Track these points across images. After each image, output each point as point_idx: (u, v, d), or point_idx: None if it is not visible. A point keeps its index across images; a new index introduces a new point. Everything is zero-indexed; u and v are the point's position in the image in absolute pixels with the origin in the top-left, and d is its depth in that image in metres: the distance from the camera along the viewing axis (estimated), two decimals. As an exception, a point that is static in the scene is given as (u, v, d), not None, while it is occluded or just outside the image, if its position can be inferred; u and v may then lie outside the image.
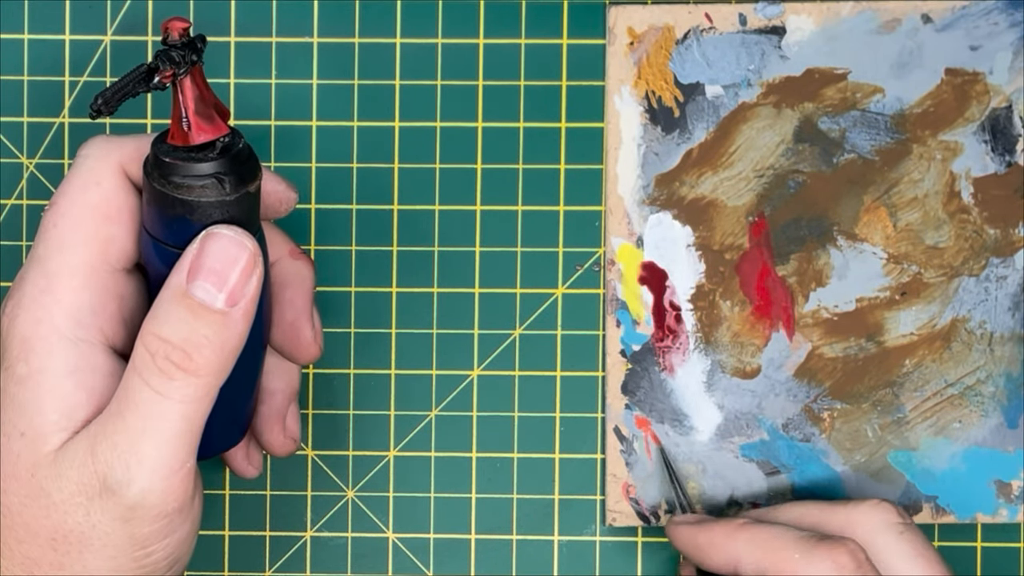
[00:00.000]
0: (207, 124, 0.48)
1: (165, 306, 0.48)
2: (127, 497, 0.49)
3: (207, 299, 0.48)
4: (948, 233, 0.63)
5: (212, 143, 0.48)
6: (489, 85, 0.63)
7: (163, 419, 0.49)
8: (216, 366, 0.48)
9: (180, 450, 0.49)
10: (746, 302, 0.63)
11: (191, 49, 0.47)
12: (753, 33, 0.63)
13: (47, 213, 0.51)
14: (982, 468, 0.63)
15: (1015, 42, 0.63)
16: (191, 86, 0.48)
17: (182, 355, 0.48)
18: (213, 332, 0.48)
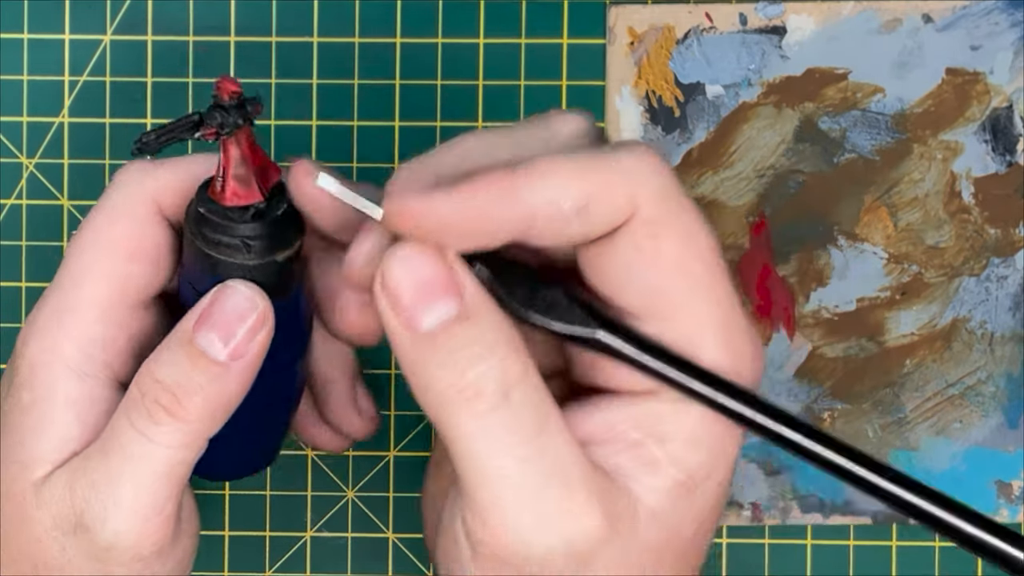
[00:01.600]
0: (243, 189, 0.47)
1: (168, 349, 0.48)
2: (101, 537, 0.48)
3: (209, 349, 0.47)
4: (949, 233, 0.63)
5: (246, 207, 0.48)
6: (489, 85, 0.63)
7: (145, 461, 0.48)
8: (205, 416, 0.47)
9: (160, 494, 0.48)
10: (746, 302, 0.63)
11: (239, 112, 0.46)
12: (754, 33, 0.63)
13: (73, 240, 0.50)
14: (983, 468, 0.63)
15: (1016, 42, 0.63)
16: (234, 148, 0.47)
17: (171, 399, 0.47)
18: (207, 382, 0.47)
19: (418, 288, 0.44)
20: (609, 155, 0.44)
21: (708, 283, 0.45)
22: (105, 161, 0.63)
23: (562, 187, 0.43)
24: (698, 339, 0.45)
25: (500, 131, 0.46)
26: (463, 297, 0.44)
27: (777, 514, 0.63)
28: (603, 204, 0.44)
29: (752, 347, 0.46)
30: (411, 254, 0.44)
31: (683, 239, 0.44)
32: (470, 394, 0.44)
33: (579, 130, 0.46)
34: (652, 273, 0.44)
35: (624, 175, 0.44)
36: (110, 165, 0.63)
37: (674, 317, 0.45)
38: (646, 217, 0.44)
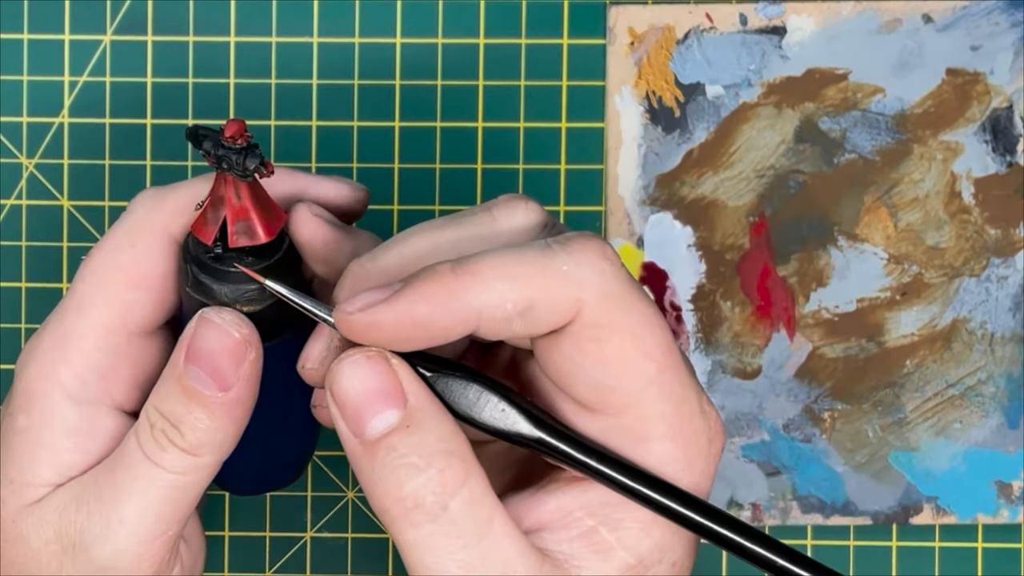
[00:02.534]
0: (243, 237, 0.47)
1: (166, 382, 0.48)
2: (99, 556, 0.48)
3: (198, 384, 0.47)
4: (949, 233, 0.63)
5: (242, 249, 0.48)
6: (489, 85, 0.63)
7: (152, 484, 0.48)
8: (210, 446, 0.48)
9: (164, 517, 0.48)
10: (747, 302, 0.63)
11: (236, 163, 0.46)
12: (754, 33, 0.63)
13: (82, 265, 0.50)
14: (983, 469, 0.63)
15: (1016, 42, 0.63)
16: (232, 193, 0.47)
17: (176, 433, 0.48)
18: (206, 415, 0.47)
19: (362, 396, 0.45)
20: (553, 254, 0.44)
21: (657, 379, 0.45)
22: (105, 161, 0.63)
23: (504, 290, 0.44)
24: (648, 433, 0.45)
25: (446, 223, 0.47)
26: (406, 405, 0.45)
27: (777, 514, 0.63)
28: (546, 306, 0.44)
29: (707, 435, 0.46)
30: (356, 363, 0.45)
31: (629, 340, 0.45)
32: (409, 504, 0.44)
33: (526, 221, 0.47)
34: (599, 372, 0.45)
35: (566, 277, 0.44)
36: (110, 165, 0.63)
37: (625, 412, 0.45)
38: (589, 320, 0.44)
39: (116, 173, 0.63)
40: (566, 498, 0.46)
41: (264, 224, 0.47)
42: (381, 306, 0.44)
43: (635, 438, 0.45)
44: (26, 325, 0.63)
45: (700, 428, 0.46)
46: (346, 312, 0.44)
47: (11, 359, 0.63)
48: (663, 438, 0.45)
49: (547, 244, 0.45)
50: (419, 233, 0.47)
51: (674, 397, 0.45)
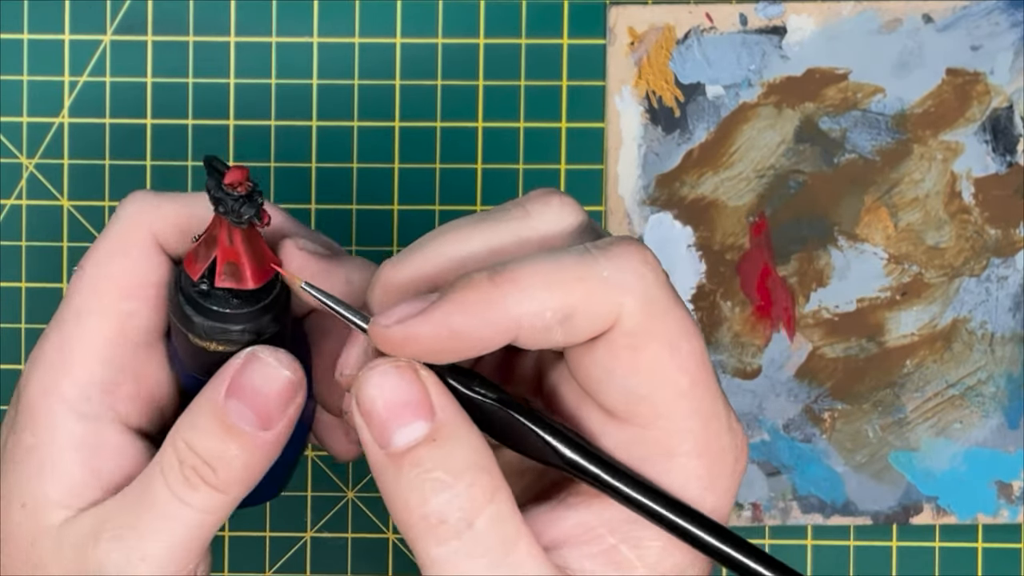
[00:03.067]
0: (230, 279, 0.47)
1: (200, 416, 0.47)
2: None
3: (240, 422, 0.46)
4: (949, 233, 0.63)
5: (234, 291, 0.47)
6: (489, 85, 0.63)
7: (178, 523, 0.47)
8: (242, 483, 0.47)
9: (189, 556, 0.48)
10: (747, 302, 0.63)
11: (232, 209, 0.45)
12: (754, 33, 0.63)
13: (75, 274, 0.49)
14: (983, 469, 0.63)
15: (1016, 42, 0.63)
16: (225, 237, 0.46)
17: (208, 470, 0.47)
18: (244, 452, 0.46)
19: (390, 408, 0.44)
20: (593, 260, 0.44)
21: (689, 393, 0.44)
22: (105, 161, 0.63)
23: (544, 298, 0.43)
24: (675, 447, 0.45)
25: (479, 221, 0.45)
26: (434, 418, 0.44)
27: (777, 514, 0.63)
28: (587, 314, 0.43)
29: (733, 452, 0.46)
30: (385, 373, 0.44)
31: (665, 349, 0.44)
32: (434, 521, 0.44)
33: (561, 219, 0.46)
34: (632, 381, 0.44)
35: (608, 284, 0.43)
36: (110, 165, 0.63)
37: (653, 424, 0.45)
38: (628, 328, 0.44)
39: (116, 173, 0.63)
40: (588, 514, 0.46)
41: (253, 271, 0.46)
42: (418, 318, 0.43)
43: (661, 451, 0.45)
44: (26, 325, 0.63)
45: (727, 446, 0.45)
46: (382, 325, 0.43)
47: (11, 359, 0.63)
48: (689, 454, 0.45)
49: (586, 249, 0.44)
50: (451, 232, 0.45)
51: (704, 412, 0.45)
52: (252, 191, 0.45)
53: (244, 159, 0.63)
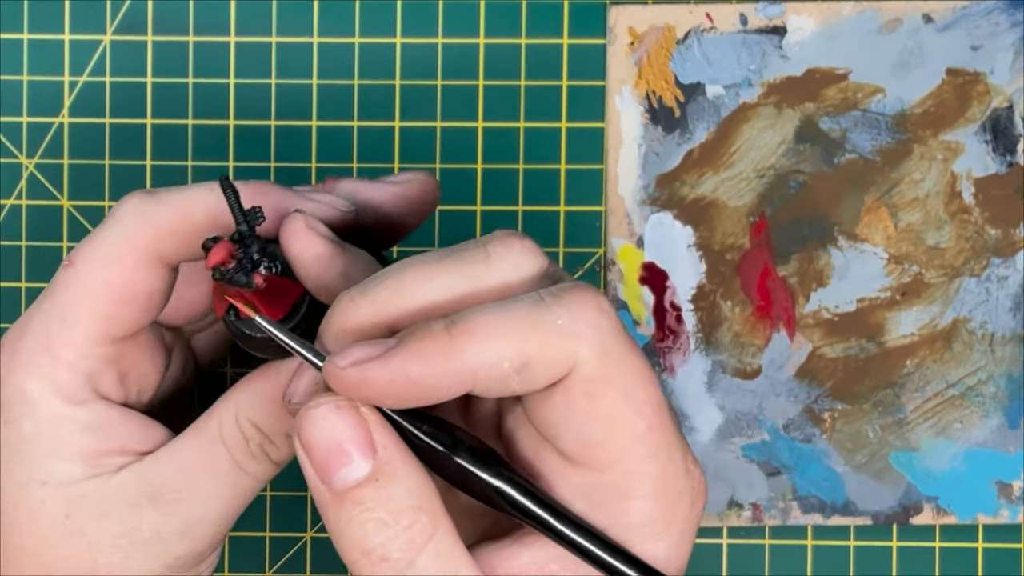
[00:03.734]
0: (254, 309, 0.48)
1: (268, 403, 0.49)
2: (177, 550, 0.50)
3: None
4: (949, 233, 0.63)
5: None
6: (489, 85, 0.63)
7: (237, 490, 0.50)
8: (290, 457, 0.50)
9: (232, 520, 0.51)
10: (747, 302, 0.63)
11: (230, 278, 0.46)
12: (754, 33, 0.63)
13: (65, 268, 0.50)
14: (983, 469, 0.63)
15: (1016, 42, 0.63)
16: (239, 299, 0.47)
17: (272, 447, 0.50)
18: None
19: (330, 447, 0.44)
20: (547, 308, 0.44)
21: (645, 437, 0.45)
22: (105, 161, 0.63)
23: (500, 349, 0.43)
24: (631, 490, 0.45)
25: (440, 259, 0.45)
26: (375, 457, 0.44)
27: (777, 514, 0.63)
28: (542, 363, 0.44)
29: (690, 495, 0.46)
30: (327, 411, 0.44)
31: (621, 396, 0.44)
32: (375, 558, 0.44)
33: (520, 262, 0.46)
34: (589, 427, 0.44)
35: (563, 332, 0.44)
36: (110, 165, 0.63)
37: (610, 468, 0.45)
38: (584, 375, 0.44)
39: (116, 173, 0.63)
40: (542, 552, 0.46)
41: (267, 308, 0.47)
42: (374, 363, 0.43)
43: (618, 494, 0.45)
44: (26, 325, 0.63)
45: (684, 488, 0.46)
46: (338, 366, 0.43)
47: (11, 359, 0.63)
48: (646, 497, 0.45)
49: (540, 297, 0.44)
50: (411, 268, 0.45)
51: (660, 456, 0.45)
52: (242, 258, 0.45)
53: (244, 159, 0.63)
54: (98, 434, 0.50)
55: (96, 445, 0.50)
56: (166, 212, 0.49)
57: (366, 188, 0.52)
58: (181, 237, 0.49)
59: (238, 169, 0.63)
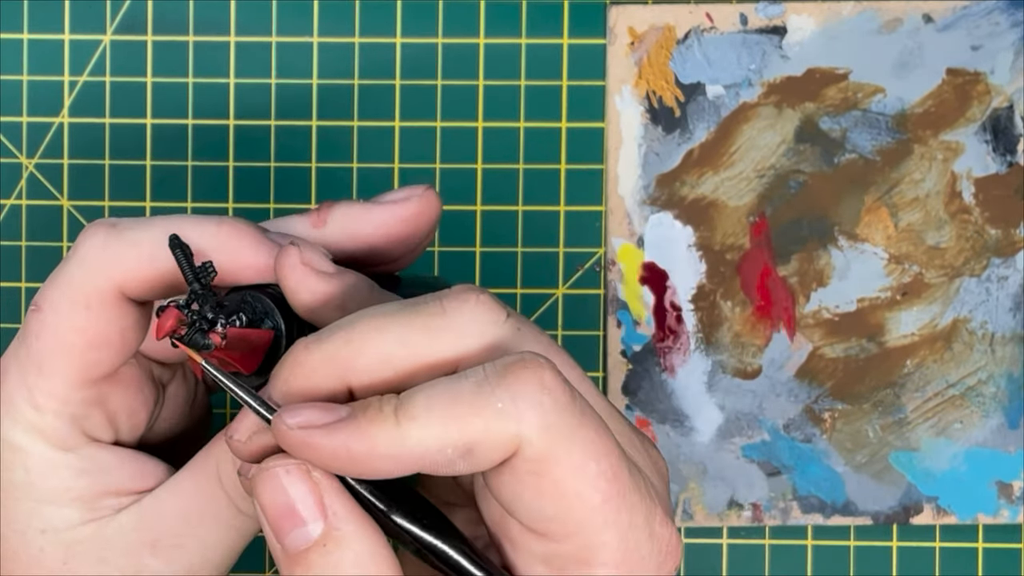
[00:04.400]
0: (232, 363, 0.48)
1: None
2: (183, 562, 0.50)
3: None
4: (949, 233, 0.63)
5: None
6: (489, 85, 0.63)
7: (238, 533, 0.50)
8: None
9: (236, 556, 0.50)
10: (747, 302, 0.63)
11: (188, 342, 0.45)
12: (754, 33, 0.63)
13: (33, 314, 0.49)
14: (983, 469, 0.63)
15: (1016, 42, 0.63)
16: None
17: None
18: None
19: (282, 509, 0.44)
20: (489, 389, 0.43)
21: (601, 508, 0.44)
22: (105, 161, 0.63)
23: (443, 436, 0.43)
24: (591, 559, 0.45)
25: (396, 314, 0.45)
26: (326, 520, 0.44)
27: (777, 514, 0.63)
28: (485, 447, 0.43)
29: (655, 559, 0.45)
30: (275, 475, 0.44)
31: (570, 472, 0.44)
32: None
33: (475, 318, 0.45)
34: (539, 504, 0.44)
35: (503, 415, 0.43)
36: (110, 165, 0.63)
37: (567, 540, 0.44)
38: (529, 456, 0.43)
39: (116, 173, 0.63)
40: None
41: (240, 362, 0.47)
42: (320, 431, 0.43)
43: (578, 563, 0.45)
44: (26, 325, 0.63)
45: (647, 554, 0.45)
46: (285, 423, 0.44)
47: (11, 359, 0.63)
48: (607, 564, 0.45)
49: (485, 377, 0.43)
50: (364, 320, 0.45)
51: (620, 524, 0.44)
52: (195, 321, 0.45)
53: (244, 159, 0.63)
54: (93, 477, 0.50)
55: (92, 489, 0.49)
56: (131, 257, 0.48)
57: (360, 218, 0.51)
58: (147, 282, 0.48)
59: (238, 169, 0.63)
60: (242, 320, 0.47)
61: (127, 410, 0.51)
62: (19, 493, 0.49)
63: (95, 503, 0.50)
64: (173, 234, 0.46)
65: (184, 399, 0.54)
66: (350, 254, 0.51)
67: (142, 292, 0.48)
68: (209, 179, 0.63)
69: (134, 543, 0.49)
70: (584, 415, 0.44)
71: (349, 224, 0.51)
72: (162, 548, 0.49)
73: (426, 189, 0.51)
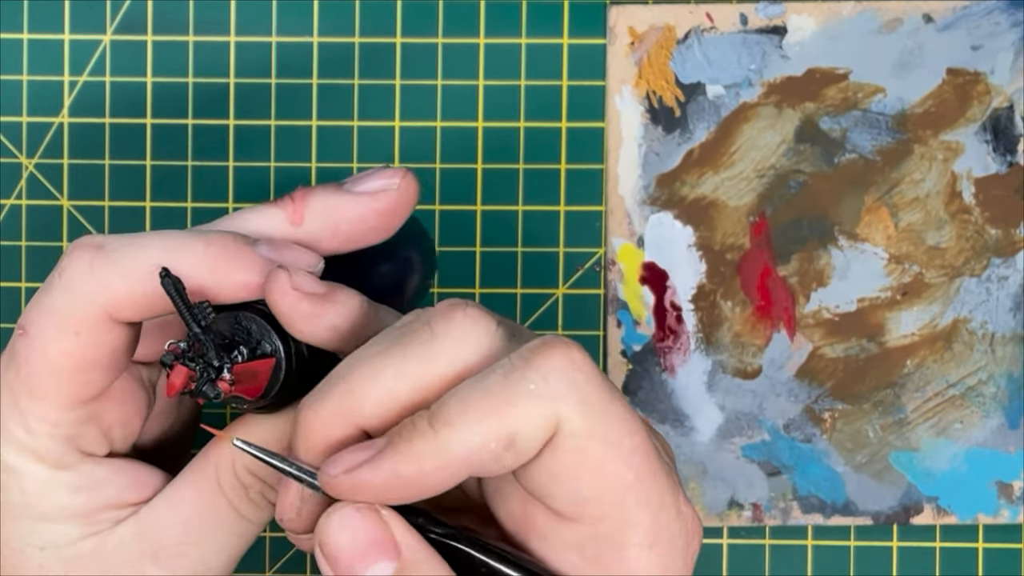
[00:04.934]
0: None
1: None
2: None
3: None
4: (949, 233, 0.63)
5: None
6: (489, 85, 0.63)
7: (239, 538, 0.50)
8: None
9: (238, 560, 0.51)
10: (747, 302, 0.63)
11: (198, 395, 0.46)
12: (754, 33, 0.63)
13: (20, 337, 0.48)
14: (983, 469, 0.63)
15: (1016, 42, 0.63)
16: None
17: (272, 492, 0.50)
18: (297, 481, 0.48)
19: (354, 550, 0.44)
20: (519, 375, 0.43)
21: (635, 486, 0.44)
22: (105, 161, 0.63)
23: (484, 432, 0.43)
24: (626, 540, 0.45)
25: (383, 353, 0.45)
26: (399, 557, 0.44)
27: (778, 514, 0.63)
28: (528, 433, 0.43)
29: (684, 537, 0.46)
30: (346, 516, 0.44)
31: (606, 448, 0.44)
32: None
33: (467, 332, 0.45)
34: (578, 483, 0.44)
35: (539, 397, 0.43)
36: (110, 165, 0.63)
37: (602, 521, 0.45)
38: (568, 431, 0.44)
39: (116, 173, 0.63)
40: None
41: (245, 391, 0.47)
42: (366, 467, 0.43)
43: (613, 546, 0.45)
44: (26, 325, 0.63)
45: (677, 532, 0.46)
46: (330, 475, 0.44)
47: (11, 359, 0.63)
48: (640, 545, 0.45)
49: (511, 365, 0.44)
50: (358, 368, 0.45)
51: (652, 503, 0.45)
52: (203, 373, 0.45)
53: (244, 159, 0.63)
54: (90, 493, 0.49)
55: (89, 504, 0.49)
56: (119, 282, 0.48)
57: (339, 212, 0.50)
58: (135, 306, 0.48)
59: (238, 169, 0.63)
60: (244, 355, 0.47)
61: (121, 421, 0.51)
62: (16, 513, 0.49)
63: (93, 518, 0.49)
64: (164, 268, 0.46)
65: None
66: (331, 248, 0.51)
67: (130, 315, 0.48)
68: (209, 179, 0.63)
69: (136, 554, 0.49)
70: (613, 391, 0.45)
71: (328, 219, 0.50)
72: (164, 557, 0.49)
73: (403, 177, 0.51)
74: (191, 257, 0.47)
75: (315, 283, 0.48)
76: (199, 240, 0.48)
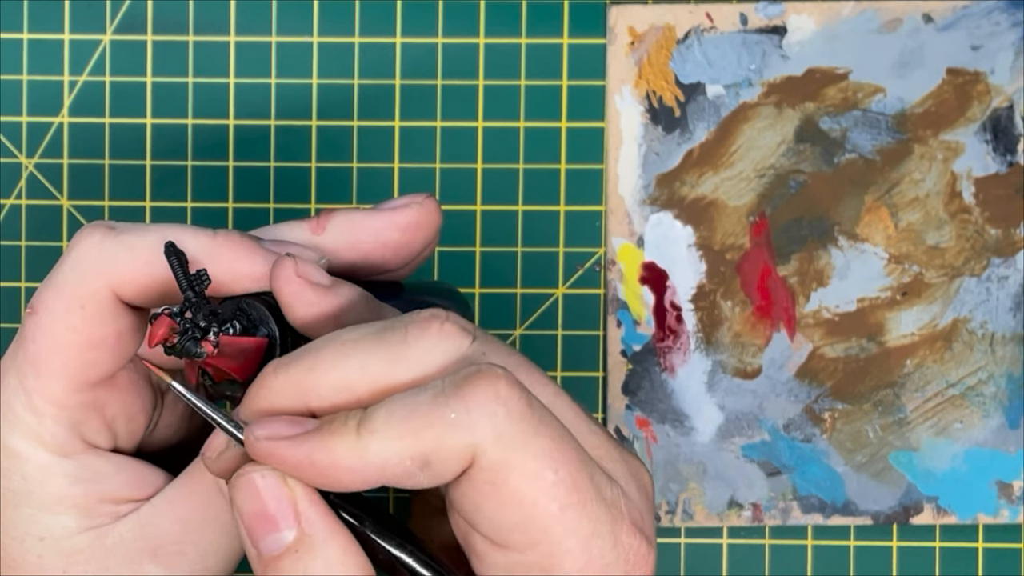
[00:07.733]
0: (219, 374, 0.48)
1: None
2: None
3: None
4: (949, 233, 0.63)
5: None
6: (489, 85, 0.63)
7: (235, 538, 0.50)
8: None
9: (238, 559, 0.51)
10: (747, 302, 0.63)
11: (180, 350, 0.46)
12: (754, 33, 0.63)
13: (29, 317, 0.49)
14: (983, 469, 0.63)
15: (1016, 42, 0.63)
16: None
17: None
18: None
19: (256, 514, 0.45)
20: (444, 401, 0.44)
21: (560, 517, 0.44)
22: (105, 161, 0.63)
23: (401, 449, 0.44)
24: (555, 568, 0.45)
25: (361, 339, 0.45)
26: (299, 526, 0.45)
27: (778, 514, 0.63)
28: (441, 458, 0.44)
29: (622, 567, 0.46)
30: (252, 480, 0.45)
31: (526, 480, 0.44)
32: None
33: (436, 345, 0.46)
34: (500, 514, 0.44)
35: (456, 426, 0.44)
36: (110, 165, 0.63)
37: (530, 549, 0.45)
38: (485, 466, 0.44)
39: (116, 173, 0.63)
40: None
41: (236, 370, 0.47)
42: (286, 442, 0.44)
43: (542, 572, 0.45)
44: (26, 325, 0.63)
45: (612, 561, 0.45)
46: (254, 435, 0.44)
47: (11, 359, 0.63)
48: (571, 572, 0.45)
49: (441, 389, 0.44)
50: (329, 346, 0.45)
51: (581, 533, 0.45)
52: (188, 329, 0.45)
53: (244, 159, 0.63)
54: (90, 485, 0.50)
55: (89, 496, 0.49)
56: (127, 260, 0.48)
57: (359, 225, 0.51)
58: (142, 287, 0.48)
59: (238, 169, 0.63)
60: (236, 328, 0.47)
61: (125, 415, 0.51)
62: (17, 500, 0.49)
63: (92, 511, 0.49)
64: (169, 241, 0.46)
65: (184, 406, 0.54)
66: (349, 263, 0.51)
67: (137, 297, 0.48)
68: (209, 179, 0.63)
69: (135, 551, 0.49)
70: (542, 424, 0.45)
71: (348, 231, 0.51)
72: (163, 555, 0.49)
73: (426, 197, 0.51)
74: (199, 243, 0.48)
75: (320, 273, 0.48)
76: (207, 231, 0.48)
